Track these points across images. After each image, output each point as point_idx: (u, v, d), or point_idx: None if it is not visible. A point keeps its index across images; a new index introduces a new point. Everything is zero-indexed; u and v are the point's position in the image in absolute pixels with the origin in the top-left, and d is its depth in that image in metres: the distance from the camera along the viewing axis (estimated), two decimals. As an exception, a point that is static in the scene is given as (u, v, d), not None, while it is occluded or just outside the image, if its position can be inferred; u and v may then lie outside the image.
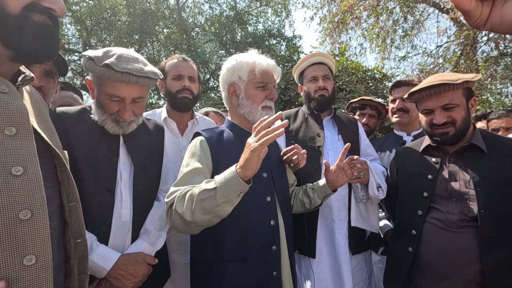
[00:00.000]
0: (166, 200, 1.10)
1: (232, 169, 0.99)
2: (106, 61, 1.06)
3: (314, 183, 1.47)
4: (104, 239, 1.15)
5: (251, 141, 0.98)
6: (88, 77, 1.19)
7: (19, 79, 0.72)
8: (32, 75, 0.76)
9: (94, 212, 1.12)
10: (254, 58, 1.30)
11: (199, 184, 1.04)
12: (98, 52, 1.11)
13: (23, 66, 0.76)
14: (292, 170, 1.51)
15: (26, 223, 0.62)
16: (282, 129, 0.96)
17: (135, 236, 1.25)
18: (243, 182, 0.96)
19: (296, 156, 1.37)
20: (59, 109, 1.20)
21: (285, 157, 1.42)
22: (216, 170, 1.16)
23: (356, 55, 9.54)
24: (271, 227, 1.20)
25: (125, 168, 1.22)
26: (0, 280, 0.57)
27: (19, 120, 0.66)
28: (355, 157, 1.42)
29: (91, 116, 1.19)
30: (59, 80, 1.52)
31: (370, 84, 5.37)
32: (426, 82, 1.31)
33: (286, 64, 5.96)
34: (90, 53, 1.10)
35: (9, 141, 0.63)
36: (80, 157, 1.11)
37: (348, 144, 1.40)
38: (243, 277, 1.14)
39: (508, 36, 6.52)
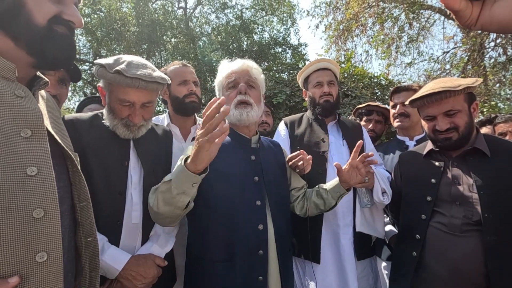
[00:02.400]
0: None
1: (180, 163, 1.01)
2: (117, 68, 1.11)
3: (327, 183, 1.45)
4: (115, 240, 1.19)
5: (199, 135, 0.93)
6: (100, 84, 1.24)
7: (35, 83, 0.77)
8: (47, 79, 0.80)
9: (106, 214, 1.15)
10: (220, 70, 1.35)
11: None
12: (109, 60, 1.17)
13: (39, 71, 0.81)
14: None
15: (39, 221, 0.65)
16: (226, 125, 0.91)
17: (145, 238, 1.28)
18: (194, 174, 0.98)
19: (301, 162, 1.37)
20: (72, 115, 1.25)
21: (290, 163, 1.42)
22: (210, 171, 1.17)
23: (362, 62, 9.56)
24: (259, 231, 1.19)
25: (135, 171, 1.26)
26: (13, 276, 0.60)
27: (34, 123, 0.69)
28: (370, 153, 1.37)
29: (103, 121, 1.24)
30: (88, 95, 1.62)
31: (377, 91, 5.37)
32: (427, 89, 1.32)
33: (291, 71, 6.01)
34: (101, 61, 1.16)
35: (24, 142, 0.67)
36: (92, 161, 1.16)
37: (360, 141, 1.36)
38: (229, 279, 1.15)
39: (515, 41, 6.46)
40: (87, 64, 12.04)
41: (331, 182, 1.43)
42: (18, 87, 0.70)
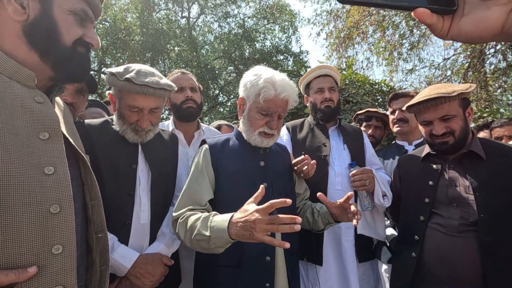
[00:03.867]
0: (173, 214, 1.18)
1: (224, 227, 0.97)
2: (127, 76, 1.19)
3: (323, 206, 1.39)
4: (124, 240, 1.24)
5: (259, 226, 0.90)
6: (111, 92, 1.32)
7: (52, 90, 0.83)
8: (61, 86, 0.87)
9: (115, 214, 1.21)
10: (264, 82, 1.22)
11: (200, 214, 1.10)
12: (120, 69, 1.24)
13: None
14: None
15: (56, 217, 0.70)
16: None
17: (152, 238, 1.34)
18: (233, 240, 0.98)
19: (306, 167, 1.39)
20: (85, 121, 1.33)
21: (295, 168, 1.43)
22: (218, 175, 1.24)
23: (363, 69, 9.65)
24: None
25: (143, 174, 1.33)
26: (32, 266, 0.65)
27: (52, 126, 0.75)
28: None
29: (113, 126, 1.31)
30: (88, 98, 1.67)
31: (378, 97, 5.42)
32: (423, 95, 1.35)
33: (293, 78, 6.09)
34: (112, 69, 1.24)
35: (42, 144, 0.72)
36: (103, 164, 1.22)
37: (351, 193, 1.22)
38: (237, 284, 1.16)
39: (515, 47, 6.53)
40: (92, 72, 12.26)
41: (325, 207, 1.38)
42: (38, 93, 0.76)
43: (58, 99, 0.93)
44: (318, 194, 1.23)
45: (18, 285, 0.63)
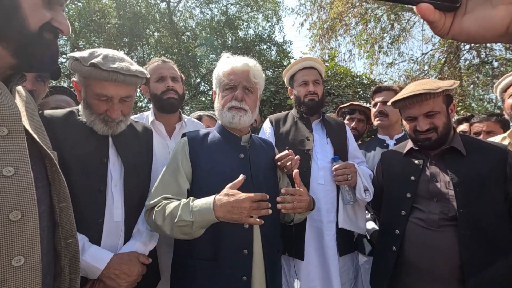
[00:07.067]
0: (147, 203, 1.18)
1: (210, 210, 1.05)
2: (93, 61, 1.07)
3: None
4: (97, 239, 1.15)
5: (246, 208, 1.03)
6: (74, 79, 1.19)
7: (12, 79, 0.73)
8: (24, 74, 0.77)
9: (86, 213, 1.12)
10: (220, 65, 1.32)
11: (177, 202, 1.12)
12: (84, 53, 1.12)
13: None
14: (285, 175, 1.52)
15: (16, 224, 0.62)
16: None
17: (128, 237, 1.26)
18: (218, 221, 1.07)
19: (290, 162, 1.37)
20: (46, 112, 1.19)
21: (279, 163, 1.41)
22: (195, 167, 1.24)
23: (345, 61, 9.75)
24: (244, 230, 1.19)
25: (115, 168, 1.23)
26: None
27: (11, 121, 0.66)
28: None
29: (79, 117, 1.19)
30: (53, 84, 1.53)
31: (359, 89, 5.50)
32: (409, 90, 1.36)
33: (276, 69, 6.05)
34: (76, 54, 1.12)
35: (0, 141, 0.63)
36: (70, 159, 1.11)
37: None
38: (213, 277, 1.15)
39: (488, 44, 6.81)
40: (64, 56, 11.53)
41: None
42: None
43: (20, 88, 0.82)
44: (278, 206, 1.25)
45: None
